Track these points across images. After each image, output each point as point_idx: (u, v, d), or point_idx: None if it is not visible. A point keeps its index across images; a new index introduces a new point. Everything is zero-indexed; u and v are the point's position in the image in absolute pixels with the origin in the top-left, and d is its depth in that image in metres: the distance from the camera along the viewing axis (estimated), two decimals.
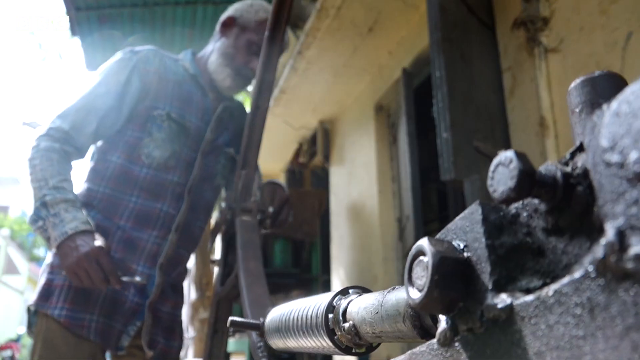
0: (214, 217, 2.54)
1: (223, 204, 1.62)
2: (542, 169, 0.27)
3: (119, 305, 1.48)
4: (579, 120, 0.30)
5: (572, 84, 0.32)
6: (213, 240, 2.00)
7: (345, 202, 3.92)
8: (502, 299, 0.26)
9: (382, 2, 2.80)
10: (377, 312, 0.48)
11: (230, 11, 1.76)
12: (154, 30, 4.51)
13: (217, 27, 1.77)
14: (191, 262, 6.84)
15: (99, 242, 1.34)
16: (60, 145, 1.45)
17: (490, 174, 0.27)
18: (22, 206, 27.49)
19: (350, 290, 0.60)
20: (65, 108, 1.51)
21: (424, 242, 0.31)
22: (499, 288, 0.27)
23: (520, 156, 0.26)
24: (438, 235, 0.33)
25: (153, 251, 1.54)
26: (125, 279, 1.38)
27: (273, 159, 5.31)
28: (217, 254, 1.78)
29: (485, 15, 2.21)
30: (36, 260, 25.15)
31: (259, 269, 1.29)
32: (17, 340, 17.39)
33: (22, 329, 19.72)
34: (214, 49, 1.74)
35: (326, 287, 4.07)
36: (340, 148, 4.12)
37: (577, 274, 0.22)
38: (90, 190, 1.54)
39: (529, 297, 0.25)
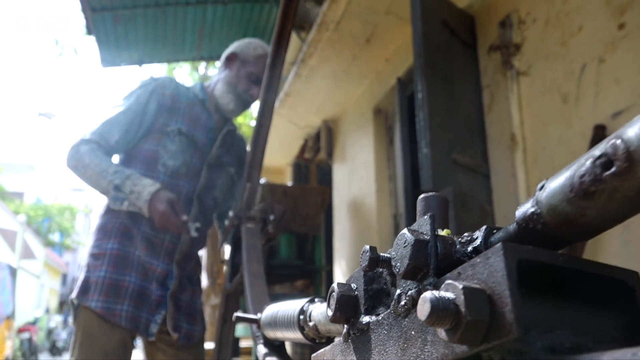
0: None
1: (231, 213, 1.89)
2: (387, 252, 0.52)
3: (145, 297, 1.76)
4: None
5: (418, 198, 0.57)
6: (223, 240, 2.27)
7: (346, 198, 4.18)
8: (366, 319, 0.52)
9: (378, 17, 3.03)
10: (326, 317, 0.74)
11: (232, 48, 2.09)
12: (165, 29, 4.76)
13: (222, 61, 2.09)
14: (202, 251, 7.15)
15: (170, 194, 1.72)
16: (97, 147, 1.78)
17: (360, 255, 0.52)
18: (37, 193, 28.11)
19: (316, 299, 0.85)
20: (95, 124, 1.82)
21: (335, 285, 0.56)
22: (366, 312, 0.53)
23: (372, 249, 0.51)
24: (346, 280, 0.59)
25: (169, 249, 1.82)
26: (184, 218, 1.71)
27: (280, 154, 5.57)
28: (226, 254, 2.05)
29: (468, 36, 2.44)
30: (51, 245, 25.77)
31: (260, 270, 1.56)
32: (35, 323, 17.99)
33: (39, 312, 20.34)
34: (219, 79, 2.06)
35: (329, 277, 4.35)
36: (342, 146, 4.37)
37: (390, 310, 0.48)
38: None
39: (375, 319, 0.50)
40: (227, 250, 2.07)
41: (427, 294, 0.36)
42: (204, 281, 6.75)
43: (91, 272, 1.74)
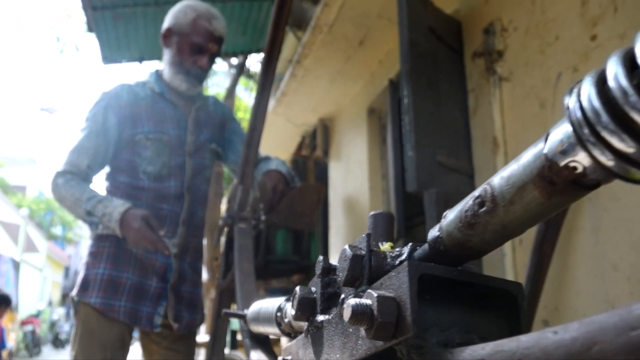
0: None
1: (225, 214, 1.98)
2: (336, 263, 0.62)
3: (145, 292, 1.85)
4: None
5: (369, 214, 0.66)
6: (218, 237, 2.38)
7: (342, 195, 4.28)
8: (320, 318, 0.62)
9: (370, 20, 3.12)
10: None
11: (165, 23, 1.99)
12: None
13: (160, 41, 2.00)
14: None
15: (143, 210, 1.74)
16: (71, 176, 1.85)
17: (316, 265, 0.62)
18: (39, 186, 28.27)
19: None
20: (66, 154, 1.89)
21: (297, 289, 0.66)
22: (322, 312, 0.63)
23: (325, 259, 0.61)
24: (309, 284, 0.69)
25: (167, 243, 1.90)
26: (162, 232, 1.73)
27: (278, 151, 5.66)
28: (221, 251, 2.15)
29: (455, 42, 2.52)
30: (54, 238, 25.96)
31: (251, 269, 1.66)
32: (38, 315, 18.19)
33: (42, 305, 20.53)
34: (165, 62, 2.01)
35: None
36: (338, 144, 4.46)
37: (336, 310, 0.58)
38: None
39: (327, 317, 0.60)
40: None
41: (350, 301, 0.45)
42: (205, 275, 6.87)
43: (90, 270, 1.84)
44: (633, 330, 0.25)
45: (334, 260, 0.60)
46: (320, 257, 0.61)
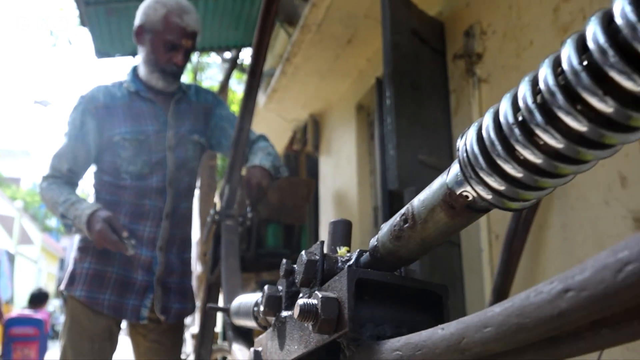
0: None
1: (212, 211, 2.06)
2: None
3: (130, 285, 1.92)
4: None
5: (329, 222, 0.75)
6: (207, 234, 2.45)
7: (331, 190, 4.37)
8: (284, 314, 0.70)
9: (357, 20, 3.19)
10: None
11: (136, 20, 1.98)
12: None
13: (134, 39, 2.00)
14: (195, 240, 7.33)
15: (107, 212, 1.77)
16: (53, 180, 1.92)
17: (280, 267, 0.71)
18: (33, 178, 28.23)
19: None
20: (49, 159, 1.96)
21: (265, 288, 0.75)
22: (286, 309, 0.71)
23: (288, 262, 0.69)
24: (277, 283, 0.77)
25: (151, 238, 1.95)
26: (125, 234, 1.76)
27: None
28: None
29: (438, 43, 2.60)
30: (49, 230, 25.97)
31: (236, 265, 1.74)
32: None
33: None
34: (140, 59, 2.01)
35: None
36: (328, 140, 4.54)
37: (292, 309, 0.66)
38: (96, 200, 1.99)
39: (289, 313, 0.69)
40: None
41: (299, 301, 0.54)
42: (198, 268, 6.96)
43: (77, 264, 1.91)
44: (485, 328, 0.34)
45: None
46: (284, 260, 0.70)
